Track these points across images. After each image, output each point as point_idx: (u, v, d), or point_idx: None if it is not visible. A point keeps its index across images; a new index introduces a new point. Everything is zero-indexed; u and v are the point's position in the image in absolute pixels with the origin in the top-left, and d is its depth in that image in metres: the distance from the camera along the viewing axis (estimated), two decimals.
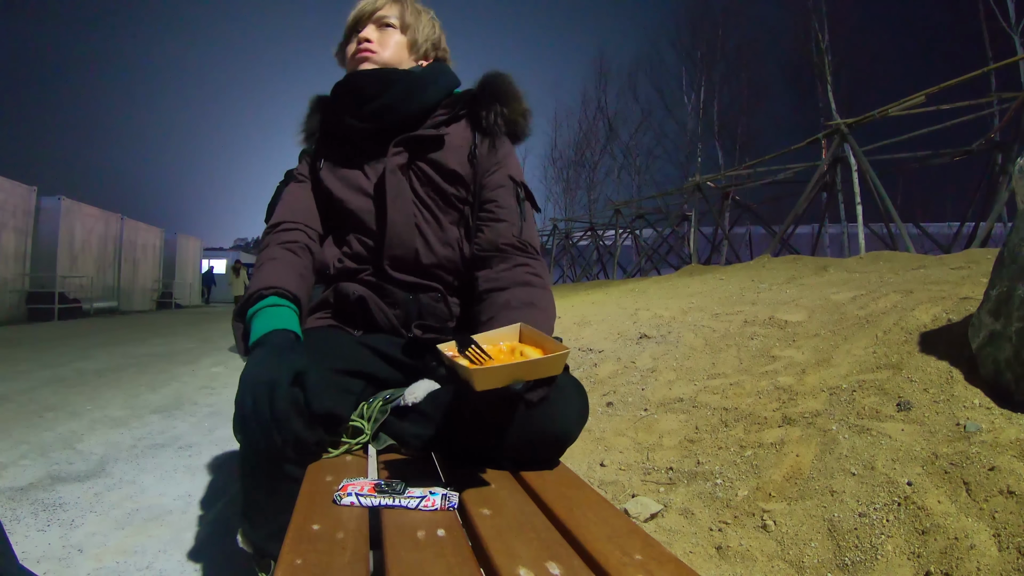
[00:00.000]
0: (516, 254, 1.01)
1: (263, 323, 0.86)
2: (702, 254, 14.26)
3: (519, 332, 0.77)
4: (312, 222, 1.08)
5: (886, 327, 2.08)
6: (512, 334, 0.77)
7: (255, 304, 0.90)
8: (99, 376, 4.11)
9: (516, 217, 1.03)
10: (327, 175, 1.07)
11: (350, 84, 1.04)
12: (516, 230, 1.02)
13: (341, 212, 1.06)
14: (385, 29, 1.06)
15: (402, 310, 1.04)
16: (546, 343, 0.72)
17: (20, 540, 1.48)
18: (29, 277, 10.59)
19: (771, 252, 8.05)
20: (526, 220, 1.04)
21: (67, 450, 2.29)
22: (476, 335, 0.75)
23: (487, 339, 0.75)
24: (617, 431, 1.99)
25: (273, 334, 0.84)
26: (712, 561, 1.24)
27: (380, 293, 1.04)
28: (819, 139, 9.25)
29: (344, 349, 0.97)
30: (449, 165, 1.03)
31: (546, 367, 0.67)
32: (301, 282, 0.98)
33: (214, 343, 6.59)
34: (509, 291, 0.96)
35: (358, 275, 1.05)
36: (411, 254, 1.02)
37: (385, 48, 1.06)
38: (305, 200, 1.09)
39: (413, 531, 0.63)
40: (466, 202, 1.05)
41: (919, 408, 1.53)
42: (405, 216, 1.01)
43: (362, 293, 1.02)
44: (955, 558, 1.06)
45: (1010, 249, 1.59)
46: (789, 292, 3.41)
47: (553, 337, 0.73)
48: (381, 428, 0.91)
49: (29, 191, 10.58)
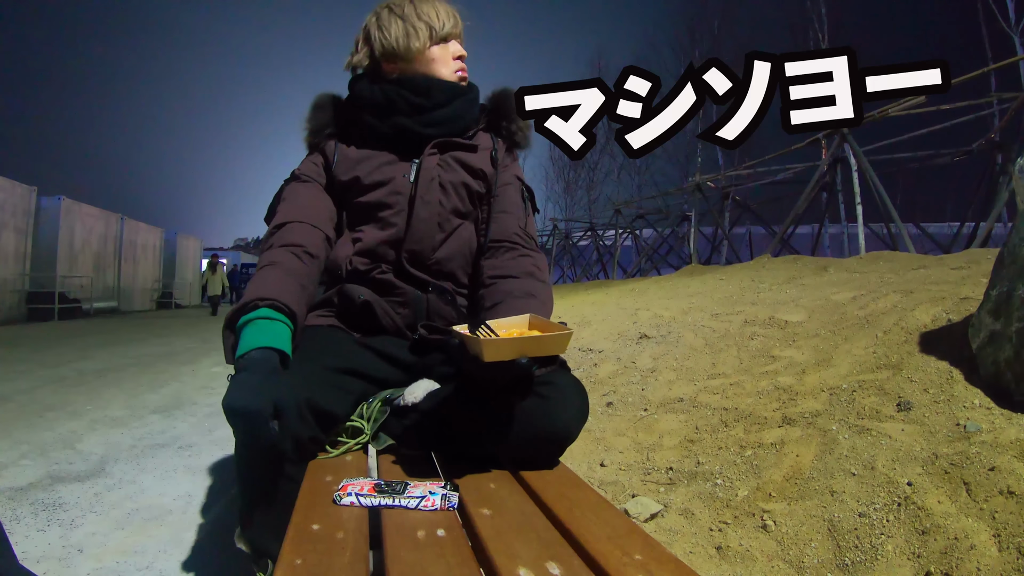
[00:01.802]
0: (521, 246, 1.07)
1: (252, 336, 0.83)
2: (702, 254, 14.26)
3: (528, 321, 0.82)
4: (320, 222, 1.05)
5: (886, 327, 2.08)
6: (522, 322, 0.82)
7: (248, 313, 0.86)
8: (99, 376, 4.11)
9: (521, 212, 1.11)
10: (347, 169, 1.07)
11: (431, 90, 1.06)
12: (521, 223, 1.10)
13: (363, 207, 1.06)
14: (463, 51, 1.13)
15: (411, 309, 1.04)
16: (551, 327, 0.77)
17: (20, 540, 1.48)
18: (29, 277, 10.59)
19: (771, 252, 8.06)
20: (529, 215, 1.12)
21: (67, 450, 2.29)
22: (490, 321, 0.79)
23: (498, 325, 0.79)
24: (617, 431, 1.99)
25: (259, 353, 0.81)
26: (712, 561, 1.24)
27: (390, 292, 1.03)
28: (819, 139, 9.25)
29: (343, 348, 0.97)
30: (477, 165, 1.10)
31: (551, 345, 0.73)
32: (302, 293, 0.95)
33: (214, 343, 6.58)
34: (514, 280, 1.00)
35: (370, 274, 1.04)
36: (429, 249, 1.05)
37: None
38: (313, 199, 1.07)
39: (413, 531, 0.63)
40: (484, 200, 1.12)
41: (919, 408, 1.53)
42: (430, 211, 1.05)
43: (368, 298, 1.01)
44: (955, 558, 1.06)
45: (1010, 249, 1.59)
46: (789, 292, 3.41)
47: (558, 322, 0.77)
48: (381, 428, 0.91)
49: (29, 191, 10.59)
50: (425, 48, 1.06)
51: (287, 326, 0.87)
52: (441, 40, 1.08)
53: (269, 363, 0.80)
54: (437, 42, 1.07)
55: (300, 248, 0.99)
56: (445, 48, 1.08)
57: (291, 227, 1.02)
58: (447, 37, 1.08)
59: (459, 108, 1.09)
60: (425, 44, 1.06)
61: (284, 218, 1.04)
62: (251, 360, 0.80)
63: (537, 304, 0.94)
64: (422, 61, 1.07)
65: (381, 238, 1.04)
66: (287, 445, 0.82)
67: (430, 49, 1.07)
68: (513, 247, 1.06)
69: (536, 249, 1.10)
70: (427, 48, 1.06)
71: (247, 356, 0.80)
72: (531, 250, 1.08)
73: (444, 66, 1.08)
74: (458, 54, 1.10)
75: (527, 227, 1.10)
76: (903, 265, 3.94)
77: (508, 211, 1.10)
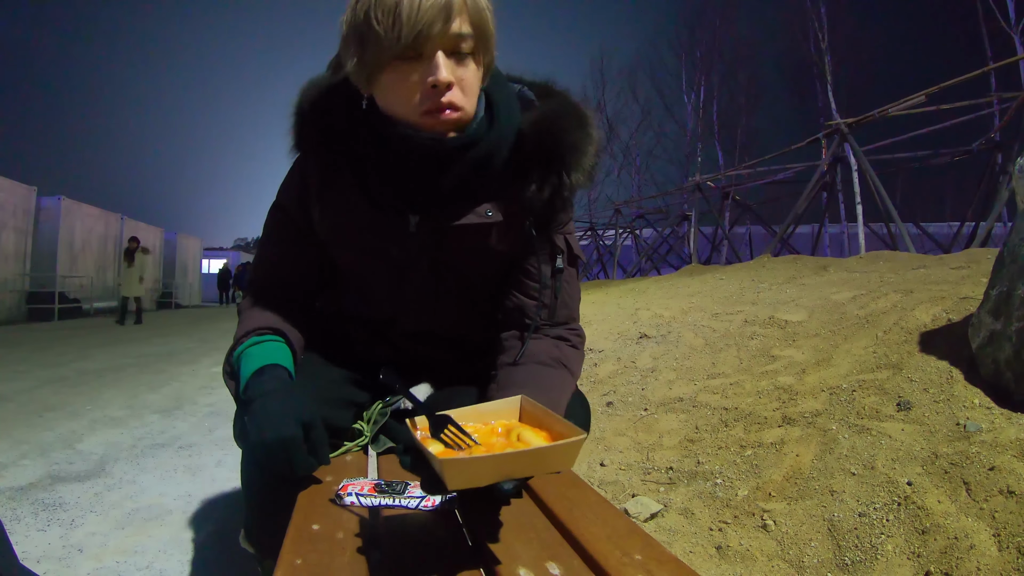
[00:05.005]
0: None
1: (250, 364, 0.76)
2: (702, 254, 14.26)
3: (518, 408, 0.59)
4: (300, 280, 0.90)
5: (886, 327, 2.08)
6: (511, 412, 0.59)
7: (237, 348, 0.80)
8: (99, 376, 4.11)
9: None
10: (324, 217, 0.82)
11: (423, 158, 0.72)
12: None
13: (337, 269, 0.89)
14: (465, 64, 0.69)
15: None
16: (554, 423, 0.54)
17: (20, 540, 1.48)
18: (29, 277, 10.59)
19: (771, 252, 8.06)
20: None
21: (67, 450, 2.29)
22: (464, 408, 0.59)
23: (476, 415, 0.58)
24: (617, 431, 1.99)
25: (265, 376, 0.73)
26: (712, 561, 1.24)
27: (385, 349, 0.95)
28: (819, 139, 9.25)
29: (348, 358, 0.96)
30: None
31: (551, 459, 0.49)
32: (290, 322, 0.86)
33: (214, 343, 6.59)
34: (540, 341, 0.87)
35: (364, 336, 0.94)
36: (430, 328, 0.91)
37: (469, 96, 0.70)
38: (291, 248, 0.87)
39: (413, 531, 0.63)
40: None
41: (919, 408, 1.53)
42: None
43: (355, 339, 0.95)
44: (955, 558, 1.06)
45: (1010, 249, 1.59)
46: (789, 292, 3.41)
47: (564, 419, 0.53)
48: (381, 431, 0.91)
49: (29, 191, 10.58)
50: (384, 69, 0.95)
51: (280, 342, 0.82)
52: (409, 50, 0.96)
53: (279, 379, 0.74)
54: (399, 54, 0.97)
55: (279, 319, 0.86)
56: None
57: (268, 295, 0.89)
58: (416, 45, 0.93)
59: (472, 164, 0.88)
60: (381, 62, 0.97)
61: (258, 282, 0.90)
62: (260, 385, 0.72)
63: (562, 376, 0.80)
64: (400, 100, 0.96)
65: (367, 308, 0.92)
66: (311, 465, 0.69)
67: (403, 76, 0.96)
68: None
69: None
70: (396, 74, 0.95)
71: (252, 384, 0.73)
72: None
73: (426, 110, 0.92)
74: (441, 82, 0.93)
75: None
76: (903, 265, 3.94)
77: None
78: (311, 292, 0.92)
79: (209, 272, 23.65)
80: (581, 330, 0.89)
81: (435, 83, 0.66)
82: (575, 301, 0.88)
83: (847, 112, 13.18)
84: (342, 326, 0.96)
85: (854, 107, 13.78)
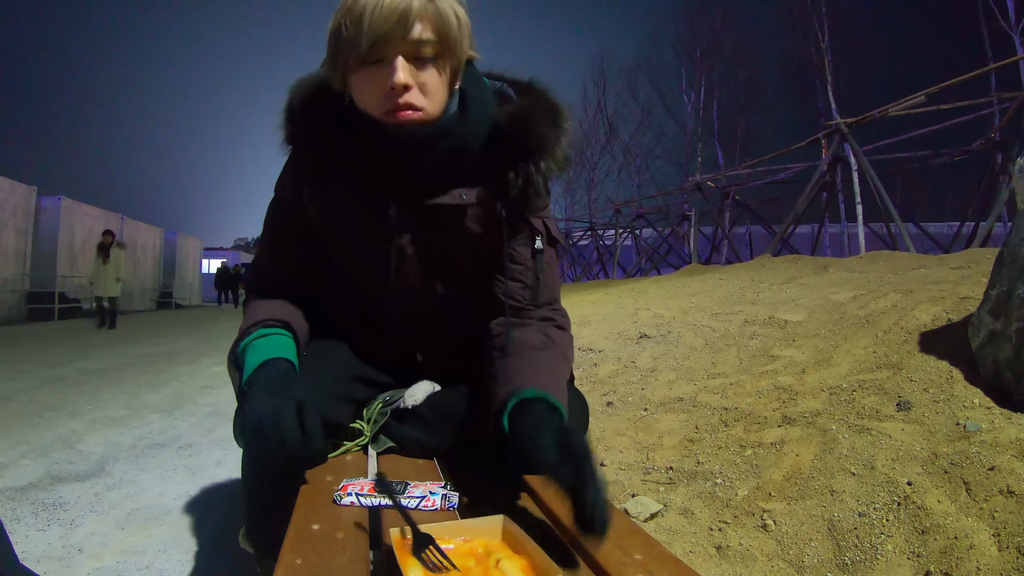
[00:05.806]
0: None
1: (254, 357, 0.78)
2: (702, 254, 14.26)
3: (500, 530, 0.60)
4: (303, 272, 0.93)
5: (886, 327, 2.08)
6: (492, 531, 0.60)
7: (244, 339, 0.82)
8: (99, 376, 4.11)
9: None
10: (315, 207, 0.87)
11: (398, 148, 0.77)
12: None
13: (333, 262, 0.92)
14: (426, 68, 0.73)
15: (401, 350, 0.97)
16: (532, 552, 0.54)
17: (20, 540, 1.48)
18: (29, 277, 10.59)
19: (771, 252, 8.05)
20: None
21: (67, 450, 2.29)
22: (447, 524, 0.60)
23: (462, 530, 0.59)
24: (617, 431, 1.99)
25: (266, 369, 0.75)
26: (712, 561, 1.24)
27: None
28: (819, 139, 9.26)
29: (345, 355, 0.96)
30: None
31: None
32: (296, 315, 0.88)
33: (214, 343, 6.59)
34: (529, 327, 0.90)
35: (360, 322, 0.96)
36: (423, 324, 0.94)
37: (431, 97, 0.75)
38: (290, 244, 0.91)
39: None
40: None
41: (919, 408, 1.53)
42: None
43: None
44: (955, 558, 1.06)
45: (1010, 249, 1.59)
46: (789, 292, 3.41)
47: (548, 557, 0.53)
48: (381, 430, 0.91)
49: (29, 191, 10.58)
50: (354, 69, 0.96)
51: (286, 335, 0.84)
52: (370, 54, 0.95)
53: (278, 370, 0.76)
54: (364, 57, 0.97)
55: (281, 318, 0.88)
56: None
57: (270, 294, 0.92)
58: (376, 48, 0.90)
59: (440, 156, 0.88)
60: (350, 64, 0.98)
61: (259, 280, 0.93)
62: (258, 379, 0.75)
63: (557, 358, 0.83)
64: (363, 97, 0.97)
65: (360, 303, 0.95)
66: (304, 446, 0.68)
67: (368, 78, 0.96)
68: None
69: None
70: (362, 74, 0.95)
71: (253, 378, 0.75)
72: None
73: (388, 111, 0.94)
74: (398, 84, 0.92)
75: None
76: (903, 265, 3.94)
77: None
78: (313, 285, 0.94)
79: (209, 272, 23.62)
80: (564, 311, 0.92)
81: (392, 86, 0.72)
82: (556, 283, 0.92)
83: (847, 112, 13.18)
84: (340, 321, 0.97)
85: (854, 107, 13.77)
